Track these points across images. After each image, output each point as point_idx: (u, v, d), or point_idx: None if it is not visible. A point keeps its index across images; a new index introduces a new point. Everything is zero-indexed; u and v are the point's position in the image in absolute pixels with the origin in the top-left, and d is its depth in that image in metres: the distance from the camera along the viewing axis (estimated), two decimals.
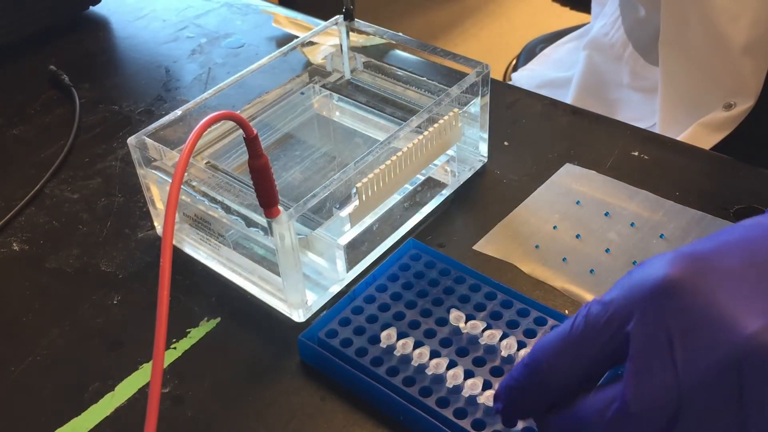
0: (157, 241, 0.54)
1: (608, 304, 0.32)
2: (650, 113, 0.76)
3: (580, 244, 0.51)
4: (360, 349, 0.43)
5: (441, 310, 0.45)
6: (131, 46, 0.75)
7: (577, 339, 0.33)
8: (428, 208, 0.54)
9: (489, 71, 0.54)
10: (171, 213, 0.36)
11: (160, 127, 0.51)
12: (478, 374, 0.41)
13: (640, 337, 0.31)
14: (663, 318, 0.30)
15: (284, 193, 0.52)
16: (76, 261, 0.53)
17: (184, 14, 0.79)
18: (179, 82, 0.69)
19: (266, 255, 0.48)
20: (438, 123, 0.51)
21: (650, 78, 0.78)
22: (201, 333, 0.47)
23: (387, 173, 0.48)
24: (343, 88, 0.61)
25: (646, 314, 0.31)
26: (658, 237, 0.51)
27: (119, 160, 0.61)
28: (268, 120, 0.58)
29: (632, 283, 0.32)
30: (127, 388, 0.45)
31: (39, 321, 0.49)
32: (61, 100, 0.68)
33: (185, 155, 0.37)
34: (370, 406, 0.43)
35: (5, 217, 0.56)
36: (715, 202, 0.53)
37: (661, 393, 0.30)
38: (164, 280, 0.35)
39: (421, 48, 0.57)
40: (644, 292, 0.31)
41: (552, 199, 0.55)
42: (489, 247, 0.51)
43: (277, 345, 0.46)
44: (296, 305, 0.47)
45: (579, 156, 0.58)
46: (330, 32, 0.60)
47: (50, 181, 0.59)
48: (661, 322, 0.30)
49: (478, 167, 0.57)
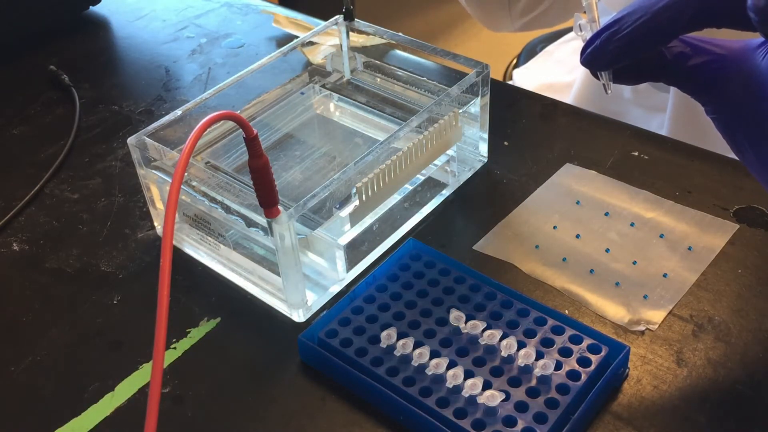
0: (157, 241, 0.54)
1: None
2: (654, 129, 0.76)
3: (580, 244, 0.51)
4: (360, 349, 0.43)
5: (441, 310, 0.45)
6: (131, 46, 0.75)
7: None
8: (428, 208, 0.54)
9: (489, 71, 0.54)
10: (171, 213, 0.36)
11: (160, 127, 0.51)
12: (478, 374, 0.41)
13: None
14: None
15: (284, 193, 0.52)
16: (76, 261, 0.53)
17: (184, 14, 0.79)
18: (179, 82, 0.69)
19: (266, 255, 0.48)
20: (438, 123, 0.51)
21: (652, 97, 0.78)
22: (201, 333, 0.47)
23: (387, 173, 0.48)
24: (343, 88, 0.61)
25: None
26: (658, 237, 0.51)
27: (119, 160, 0.61)
28: (268, 120, 0.58)
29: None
30: (127, 388, 0.45)
31: (39, 321, 0.49)
32: (61, 100, 0.68)
33: (185, 155, 0.37)
34: (370, 406, 0.43)
35: (5, 217, 0.56)
36: (715, 202, 0.53)
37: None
38: (164, 280, 0.35)
39: (421, 48, 0.57)
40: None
41: (552, 199, 0.55)
42: (489, 247, 0.51)
43: (277, 345, 0.46)
44: (296, 305, 0.47)
45: (579, 156, 0.58)
46: (330, 32, 0.60)
47: (50, 181, 0.59)
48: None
49: (478, 167, 0.57)
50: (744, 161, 0.41)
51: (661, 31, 0.37)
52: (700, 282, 0.48)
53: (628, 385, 0.43)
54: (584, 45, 0.39)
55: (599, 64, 0.39)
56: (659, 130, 0.75)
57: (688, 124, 0.73)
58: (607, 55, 0.38)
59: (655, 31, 0.37)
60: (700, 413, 0.41)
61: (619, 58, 0.38)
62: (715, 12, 0.36)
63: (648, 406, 0.42)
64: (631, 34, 0.37)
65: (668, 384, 0.43)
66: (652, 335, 0.45)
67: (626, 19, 0.37)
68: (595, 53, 0.39)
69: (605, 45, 0.38)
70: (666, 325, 0.46)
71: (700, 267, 0.49)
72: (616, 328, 0.46)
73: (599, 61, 0.39)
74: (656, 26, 0.36)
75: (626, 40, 0.37)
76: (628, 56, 0.38)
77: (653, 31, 0.37)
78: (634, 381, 0.43)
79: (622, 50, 0.38)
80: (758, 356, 0.44)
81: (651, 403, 0.42)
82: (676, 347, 0.45)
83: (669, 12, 0.36)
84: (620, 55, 0.38)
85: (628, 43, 0.37)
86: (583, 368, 0.41)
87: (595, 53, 0.39)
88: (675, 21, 0.36)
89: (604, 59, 0.39)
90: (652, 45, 0.38)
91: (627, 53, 0.38)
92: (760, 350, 0.44)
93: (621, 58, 0.38)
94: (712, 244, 0.50)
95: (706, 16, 0.36)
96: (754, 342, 0.44)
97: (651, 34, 0.37)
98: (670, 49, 0.40)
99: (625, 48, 0.37)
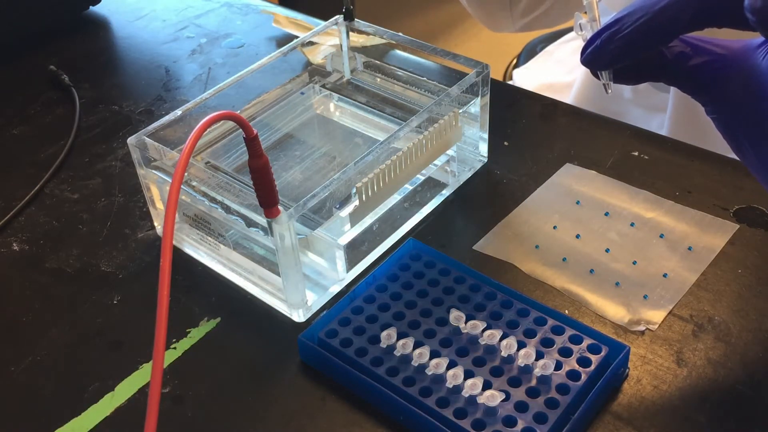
0: (157, 241, 0.54)
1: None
2: (654, 129, 0.76)
3: (580, 244, 0.51)
4: (360, 349, 0.43)
5: (441, 310, 0.45)
6: (131, 46, 0.75)
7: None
8: (428, 208, 0.54)
9: (489, 71, 0.54)
10: (171, 213, 0.36)
11: (160, 127, 0.51)
12: (478, 374, 0.41)
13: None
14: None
15: (284, 193, 0.53)
16: (76, 261, 0.53)
17: (184, 14, 0.79)
18: (179, 82, 0.69)
19: (266, 255, 0.48)
20: (438, 123, 0.51)
21: (652, 97, 0.78)
22: (201, 333, 0.47)
23: (387, 173, 0.48)
24: (343, 88, 0.61)
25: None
26: (658, 237, 0.51)
27: (119, 160, 0.61)
28: (268, 120, 0.58)
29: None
30: (127, 388, 0.45)
31: (39, 321, 0.49)
32: (61, 100, 0.68)
33: (185, 155, 0.37)
34: (370, 406, 0.43)
35: (5, 217, 0.56)
36: (715, 202, 0.53)
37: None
38: (164, 280, 0.35)
39: (421, 48, 0.57)
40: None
41: (552, 199, 0.55)
42: (489, 247, 0.51)
43: (277, 345, 0.46)
44: (296, 305, 0.47)
45: (579, 156, 0.58)
46: (330, 32, 0.60)
47: (50, 181, 0.59)
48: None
49: (478, 167, 0.57)
50: (744, 161, 0.41)
51: (662, 31, 0.37)
52: (700, 282, 0.48)
53: (628, 385, 0.43)
54: (584, 45, 0.39)
55: (599, 63, 0.39)
56: (659, 130, 0.75)
57: (688, 124, 0.73)
58: (608, 55, 0.38)
59: (656, 31, 0.37)
60: (700, 413, 0.41)
61: (619, 58, 0.38)
62: (716, 12, 0.36)
63: (648, 406, 0.42)
64: (631, 34, 0.37)
65: (668, 384, 0.43)
66: (652, 335, 0.45)
67: (627, 19, 0.37)
68: (596, 53, 0.39)
69: (606, 45, 0.38)
70: (666, 325, 0.46)
71: (700, 267, 0.49)
72: (616, 328, 0.46)
73: (599, 61, 0.39)
74: (657, 26, 0.36)
75: (627, 40, 0.37)
76: (628, 56, 0.38)
77: (654, 31, 0.37)
78: (634, 381, 0.43)
79: (622, 50, 0.38)
80: (758, 356, 0.44)
81: (651, 403, 0.42)
82: (676, 347, 0.45)
83: (669, 12, 0.36)
84: (621, 55, 0.38)
85: (629, 43, 0.37)
86: (583, 368, 0.41)
87: (596, 53, 0.39)
88: (675, 21, 0.36)
89: (604, 59, 0.39)
90: (653, 45, 0.38)
91: (627, 53, 0.38)
92: (760, 350, 0.44)
93: (621, 58, 0.38)
94: (712, 244, 0.50)
95: (707, 16, 0.36)
96: (754, 342, 0.44)
97: (651, 34, 0.37)
98: (671, 49, 0.40)
99: (625, 48, 0.37)
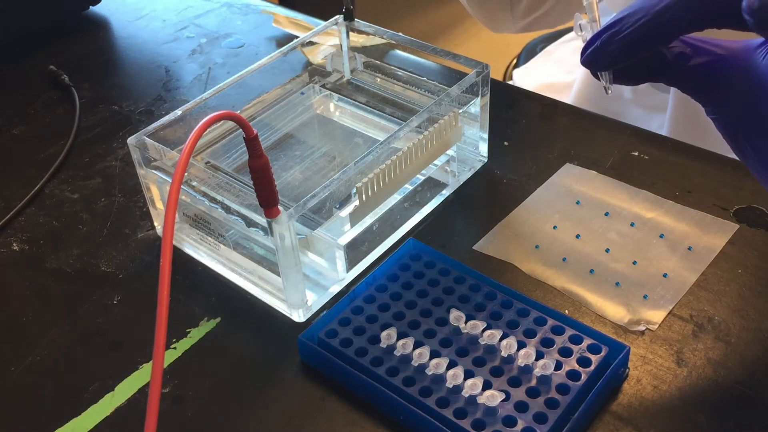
0: (157, 241, 0.54)
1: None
2: (654, 129, 0.76)
3: (580, 244, 0.51)
4: (360, 349, 0.43)
5: (441, 310, 0.45)
6: (131, 46, 0.75)
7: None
8: (428, 208, 0.54)
9: (489, 71, 0.54)
10: (171, 213, 0.36)
11: (160, 127, 0.51)
12: (478, 374, 0.41)
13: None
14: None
15: (284, 193, 0.53)
16: (76, 261, 0.53)
17: (184, 14, 0.79)
18: (179, 82, 0.69)
19: (266, 255, 0.48)
20: (438, 123, 0.51)
21: (652, 97, 0.78)
22: (201, 333, 0.47)
23: (387, 173, 0.48)
24: (343, 88, 0.61)
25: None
26: (658, 237, 0.51)
27: (119, 160, 0.61)
28: (268, 120, 0.58)
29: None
30: (127, 388, 0.45)
31: (39, 321, 0.49)
32: (61, 100, 0.68)
33: (185, 155, 0.37)
34: (370, 406, 0.43)
35: (5, 217, 0.56)
36: (715, 202, 0.53)
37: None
38: (164, 280, 0.35)
39: (421, 48, 0.57)
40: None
41: (552, 199, 0.55)
42: (489, 247, 0.51)
43: (277, 345, 0.46)
44: (296, 305, 0.47)
45: (579, 156, 0.58)
46: (330, 32, 0.60)
47: (50, 181, 0.59)
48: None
49: (478, 167, 0.57)
50: (744, 161, 0.41)
51: (662, 31, 0.37)
52: (700, 282, 0.48)
53: (628, 385, 0.43)
54: (584, 45, 0.39)
55: (600, 64, 0.39)
56: (659, 130, 0.75)
57: (688, 124, 0.73)
58: (608, 56, 0.38)
59: (656, 31, 0.37)
60: (700, 413, 0.41)
61: (619, 58, 0.38)
62: (716, 12, 0.36)
63: (648, 406, 0.42)
64: (631, 35, 0.37)
65: (668, 384, 0.43)
66: (652, 335, 0.45)
67: (627, 20, 0.37)
68: (596, 54, 0.39)
69: (606, 45, 0.38)
70: (666, 325, 0.46)
71: (700, 267, 0.49)
72: (616, 328, 0.46)
73: (600, 62, 0.39)
74: (657, 27, 0.36)
75: (627, 41, 0.37)
76: (628, 57, 0.38)
77: (654, 32, 0.37)
78: (634, 381, 0.43)
79: (622, 51, 0.38)
80: (758, 356, 0.44)
81: (651, 403, 0.42)
82: (676, 347, 0.45)
83: (670, 13, 0.36)
84: (621, 55, 0.38)
85: (629, 43, 0.37)
86: (583, 368, 0.41)
87: (596, 54, 0.39)
88: (676, 22, 0.36)
89: (604, 60, 0.39)
90: (653, 46, 0.38)
91: (628, 54, 0.38)
92: (760, 350, 0.44)
93: (621, 58, 0.38)
94: (712, 244, 0.50)
95: (707, 17, 0.36)
96: (754, 342, 0.44)
97: (652, 34, 0.37)
98: (671, 50, 0.40)
99: (625, 49, 0.37)
